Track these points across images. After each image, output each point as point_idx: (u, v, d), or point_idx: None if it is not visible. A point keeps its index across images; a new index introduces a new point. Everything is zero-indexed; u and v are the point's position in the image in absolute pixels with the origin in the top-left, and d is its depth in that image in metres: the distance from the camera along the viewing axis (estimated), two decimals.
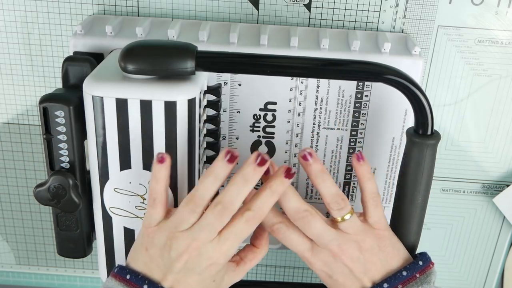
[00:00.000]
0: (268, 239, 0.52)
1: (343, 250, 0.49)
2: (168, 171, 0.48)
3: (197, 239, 0.46)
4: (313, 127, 0.59)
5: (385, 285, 0.49)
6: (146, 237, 0.49)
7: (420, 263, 0.50)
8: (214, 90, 0.55)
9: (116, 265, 0.50)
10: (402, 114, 0.58)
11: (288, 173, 0.47)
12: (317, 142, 0.60)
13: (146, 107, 0.48)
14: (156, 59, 0.47)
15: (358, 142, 0.59)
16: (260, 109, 0.58)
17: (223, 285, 0.51)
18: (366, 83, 0.57)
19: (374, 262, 0.50)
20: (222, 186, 0.48)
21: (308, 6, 0.61)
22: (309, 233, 0.49)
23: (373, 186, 0.51)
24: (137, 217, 0.53)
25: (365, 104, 0.58)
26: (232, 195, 0.46)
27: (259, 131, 0.59)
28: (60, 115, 0.50)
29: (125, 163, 0.50)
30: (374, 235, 0.50)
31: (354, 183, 0.61)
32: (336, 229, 0.50)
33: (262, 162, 0.46)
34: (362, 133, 0.59)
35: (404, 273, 0.50)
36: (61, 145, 0.51)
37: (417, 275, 0.50)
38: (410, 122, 0.57)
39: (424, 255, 0.51)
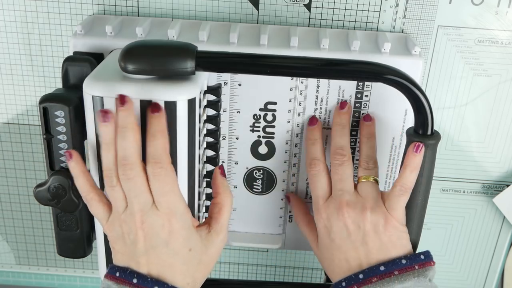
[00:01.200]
0: (226, 185, 0.52)
1: (348, 207, 0.51)
2: (81, 165, 0.49)
3: (135, 211, 0.47)
4: None
5: (382, 267, 0.49)
6: (108, 236, 0.50)
7: (422, 257, 0.50)
8: (214, 90, 0.55)
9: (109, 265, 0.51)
10: (402, 114, 0.58)
11: (155, 108, 0.46)
12: None
13: (146, 107, 0.48)
14: (156, 59, 0.47)
15: (358, 142, 0.59)
16: (260, 109, 0.58)
17: (211, 252, 0.50)
18: (366, 83, 0.57)
19: (374, 240, 0.50)
20: None
21: (308, 6, 0.61)
22: (337, 172, 0.53)
23: (411, 177, 0.50)
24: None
25: (365, 104, 0.58)
26: (120, 148, 0.45)
27: (259, 131, 0.59)
28: (60, 115, 0.50)
29: None
30: (384, 216, 0.51)
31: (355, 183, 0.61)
32: (355, 187, 0.52)
33: (122, 101, 0.45)
34: None
35: (404, 261, 0.50)
36: (61, 145, 0.51)
37: (416, 267, 0.50)
38: (410, 122, 0.57)
39: (426, 252, 0.51)
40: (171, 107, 0.48)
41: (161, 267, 0.48)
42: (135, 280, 0.47)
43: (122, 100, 0.45)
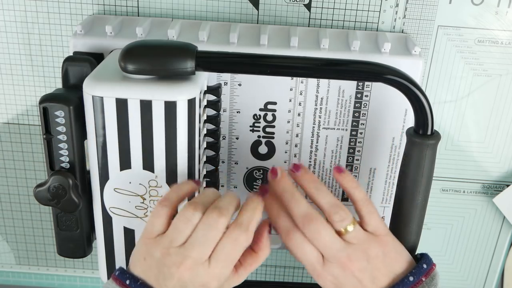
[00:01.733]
0: (268, 242, 0.51)
1: (352, 261, 0.49)
2: (192, 192, 0.49)
3: (189, 256, 0.45)
4: (313, 127, 0.59)
5: None
6: (144, 246, 0.48)
7: (424, 266, 0.50)
8: (214, 90, 0.55)
9: (118, 267, 0.50)
10: (402, 114, 0.58)
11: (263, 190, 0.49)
12: (317, 142, 0.60)
13: (146, 107, 0.48)
14: (156, 59, 0.47)
15: (358, 142, 0.59)
16: (260, 109, 0.58)
17: None
18: (366, 83, 0.57)
19: (380, 269, 0.50)
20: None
21: (308, 6, 0.61)
22: (318, 241, 0.48)
23: (361, 193, 0.50)
24: (137, 217, 0.53)
25: (365, 104, 0.58)
26: (222, 203, 0.46)
27: (259, 131, 0.59)
28: (60, 115, 0.50)
29: (125, 163, 0.50)
30: (378, 242, 0.50)
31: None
32: (342, 240, 0.49)
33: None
34: (362, 133, 0.59)
35: (411, 278, 0.49)
36: (61, 145, 0.51)
37: (423, 279, 0.49)
38: (410, 122, 0.57)
39: (426, 257, 0.51)
40: (171, 107, 0.48)
41: None
42: None
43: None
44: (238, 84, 0.57)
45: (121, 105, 0.48)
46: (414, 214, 0.52)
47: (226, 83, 0.57)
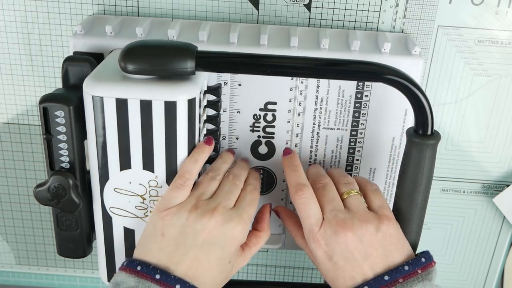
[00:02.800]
0: (269, 223, 0.56)
1: (346, 227, 0.50)
2: (206, 155, 0.52)
3: (219, 204, 0.49)
4: (313, 127, 0.59)
5: (386, 277, 0.49)
6: (161, 221, 0.49)
7: (423, 260, 0.50)
8: (214, 90, 0.55)
9: (125, 259, 0.50)
10: (402, 114, 0.58)
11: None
12: (317, 142, 0.60)
13: (146, 107, 0.48)
14: (156, 59, 0.47)
15: (358, 142, 0.59)
16: (260, 109, 0.58)
17: (233, 271, 0.52)
18: (366, 83, 0.57)
19: (376, 248, 0.50)
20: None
21: (308, 6, 0.61)
22: (323, 195, 0.52)
23: (364, 178, 0.56)
24: (137, 217, 0.53)
25: (365, 104, 0.58)
26: (238, 168, 0.55)
27: (259, 131, 0.59)
28: (60, 115, 0.50)
29: (125, 163, 0.50)
30: (378, 220, 0.51)
31: None
32: (343, 204, 0.52)
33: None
34: (362, 133, 0.59)
35: (406, 267, 0.49)
36: (61, 145, 0.51)
37: (419, 271, 0.49)
38: (410, 122, 0.57)
39: (426, 253, 0.51)
40: (171, 107, 0.48)
41: (201, 267, 0.48)
42: (157, 276, 0.46)
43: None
44: (238, 84, 0.57)
45: (121, 105, 0.48)
46: (414, 214, 0.52)
47: (226, 83, 0.57)
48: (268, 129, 0.59)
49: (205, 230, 0.48)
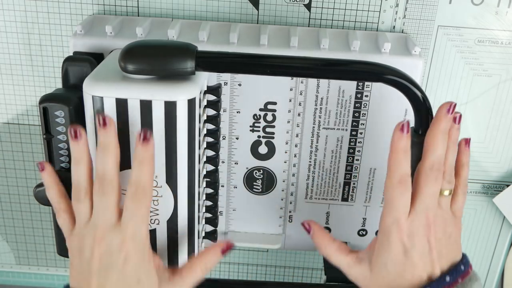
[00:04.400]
0: (215, 260, 0.51)
1: (435, 224, 0.48)
2: (53, 177, 0.49)
3: (98, 226, 0.46)
4: (313, 127, 0.59)
5: (448, 278, 0.48)
6: (68, 250, 0.49)
7: (462, 267, 0.49)
8: (214, 90, 0.55)
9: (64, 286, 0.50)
10: (402, 114, 0.58)
11: (145, 137, 0.46)
12: (317, 142, 0.60)
13: (146, 107, 0.48)
14: (156, 59, 0.47)
15: (358, 142, 0.59)
16: (260, 109, 0.58)
17: None
18: (366, 83, 0.57)
19: (449, 249, 0.49)
20: None
21: (308, 6, 0.61)
22: (430, 187, 0.48)
23: (467, 173, 0.51)
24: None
25: (365, 104, 0.58)
26: (99, 166, 0.46)
27: (259, 131, 0.59)
28: (60, 115, 0.50)
29: (125, 163, 0.50)
30: (455, 223, 0.50)
31: (354, 183, 0.61)
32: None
33: (104, 123, 0.45)
34: (362, 133, 0.59)
35: (462, 267, 0.49)
36: (61, 145, 0.51)
37: (469, 270, 0.49)
38: (410, 122, 0.57)
39: (465, 260, 0.50)
40: (171, 107, 0.48)
41: None
42: None
43: (104, 122, 0.46)
44: (238, 84, 0.57)
45: (121, 105, 0.48)
46: None
47: (226, 83, 0.57)
48: (268, 129, 0.59)
49: (95, 257, 0.46)
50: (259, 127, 0.59)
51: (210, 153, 0.57)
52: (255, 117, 0.58)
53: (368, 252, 0.51)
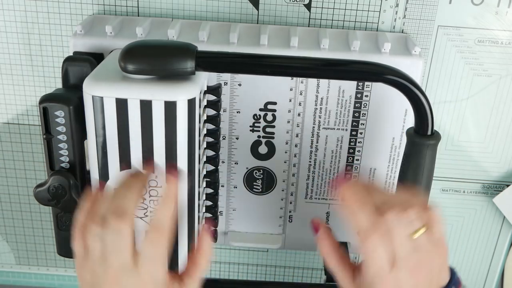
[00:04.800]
0: (209, 246, 0.49)
1: (420, 269, 0.45)
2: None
3: (114, 269, 0.43)
4: (313, 127, 0.59)
5: None
6: (79, 277, 0.47)
7: (458, 277, 0.48)
8: (214, 90, 0.55)
9: None
10: (402, 114, 0.58)
11: (173, 171, 0.44)
12: (317, 142, 0.60)
13: (146, 107, 0.48)
14: (156, 59, 0.47)
15: (358, 142, 0.59)
16: (260, 109, 0.58)
17: None
18: (366, 83, 0.57)
19: (438, 281, 0.47)
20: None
21: (308, 6, 0.61)
22: (397, 236, 0.44)
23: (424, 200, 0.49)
24: (137, 217, 0.53)
25: (365, 104, 0.58)
26: (120, 198, 0.44)
27: (259, 131, 0.59)
28: (60, 115, 0.50)
29: (125, 163, 0.50)
30: (438, 252, 0.46)
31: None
32: (412, 243, 0.45)
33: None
34: (362, 133, 0.59)
35: None
36: (61, 145, 0.51)
37: None
38: (410, 122, 0.57)
39: (453, 278, 0.48)
40: (171, 107, 0.48)
41: None
42: None
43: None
44: (238, 84, 0.57)
45: (121, 105, 0.48)
46: None
47: (226, 83, 0.57)
48: (268, 129, 0.59)
49: None
50: (259, 127, 0.59)
51: (210, 153, 0.57)
52: (255, 117, 0.58)
53: (362, 278, 0.48)
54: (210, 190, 0.58)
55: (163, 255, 0.45)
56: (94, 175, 0.52)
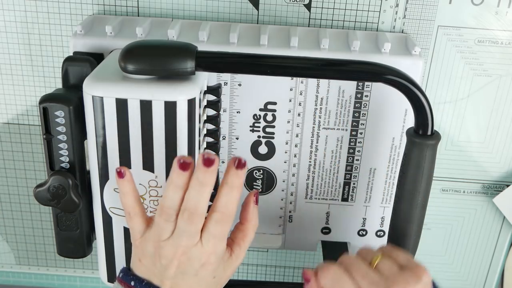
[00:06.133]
0: (255, 213, 0.51)
1: None
2: (132, 184, 0.48)
3: (180, 245, 0.47)
4: (313, 127, 0.59)
5: None
6: (136, 248, 0.49)
7: None
8: (214, 90, 0.55)
9: (121, 267, 0.51)
10: (402, 114, 0.58)
11: (239, 164, 0.46)
12: (317, 142, 0.60)
13: (146, 107, 0.48)
14: (156, 59, 0.47)
15: (358, 142, 0.59)
16: (260, 109, 0.58)
17: (228, 273, 0.51)
18: (366, 83, 0.57)
19: None
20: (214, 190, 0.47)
21: (308, 6, 0.61)
22: (358, 271, 0.47)
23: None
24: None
25: (365, 104, 0.58)
26: (193, 200, 0.46)
27: (259, 131, 0.59)
28: (60, 115, 0.50)
29: (125, 163, 0.50)
30: (416, 276, 0.46)
31: (354, 183, 0.61)
32: (377, 271, 0.47)
33: (208, 163, 0.45)
34: (362, 133, 0.59)
35: None
36: (61, 145, 0.51)
37: None
38: (410, 122, 0.57)
39: None
40: (171, 107, 0.48)
41: None
42: None
43: (210, 162, 0.45)
44: (238, 84, 0.57)
45: (121, 105, 0.48)
46: (414, 214, 0.52)
47: (226, 83, 0.57)
48: (268, 129, 0.59)
49: (172, 266, 0.47)
50: (259, 127, 0.59)
51: None
52: (255, 117, 0.58)
53: None
54: None
55: (225, 233, 0.48)
56: (94, 175, 0.52)
